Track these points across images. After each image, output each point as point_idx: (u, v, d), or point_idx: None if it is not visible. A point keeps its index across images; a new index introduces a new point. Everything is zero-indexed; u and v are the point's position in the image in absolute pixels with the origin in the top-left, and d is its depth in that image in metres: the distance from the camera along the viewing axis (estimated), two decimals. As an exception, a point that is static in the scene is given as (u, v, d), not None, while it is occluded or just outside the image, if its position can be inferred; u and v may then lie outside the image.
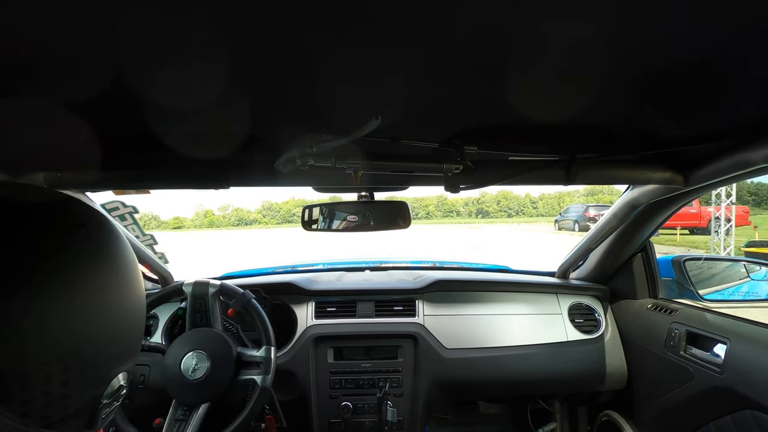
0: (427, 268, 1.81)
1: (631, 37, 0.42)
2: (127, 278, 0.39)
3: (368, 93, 0.58)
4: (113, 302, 0.38)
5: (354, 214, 1.04)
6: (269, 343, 1.14)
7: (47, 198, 0.37)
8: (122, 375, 0.40)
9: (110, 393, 0.38)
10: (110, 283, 0.37)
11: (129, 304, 0.40)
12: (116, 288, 0.38)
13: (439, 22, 0.39)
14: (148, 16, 0.36)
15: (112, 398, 0.38)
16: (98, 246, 0.38)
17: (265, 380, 1.09)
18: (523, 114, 0.66)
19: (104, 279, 0.37)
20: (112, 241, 0.39)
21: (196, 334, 1.12)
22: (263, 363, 1.11)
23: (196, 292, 1.17)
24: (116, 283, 0.38)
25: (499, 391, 1.49)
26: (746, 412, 0.95)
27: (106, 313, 0.37)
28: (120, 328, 0.39)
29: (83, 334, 0.34)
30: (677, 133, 0.77)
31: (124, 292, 0.39)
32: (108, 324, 0.37)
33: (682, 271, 1.45)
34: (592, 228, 1.43)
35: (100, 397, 0.37)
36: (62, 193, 0.40)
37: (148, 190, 1.03)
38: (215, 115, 0.66)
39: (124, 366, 0.40)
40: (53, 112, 0.59)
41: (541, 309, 1.50)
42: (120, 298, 0.38)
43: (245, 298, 1.19)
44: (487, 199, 45.71)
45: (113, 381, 0.38)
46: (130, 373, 0.42)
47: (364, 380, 1.36)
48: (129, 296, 0.40)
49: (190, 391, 1.06)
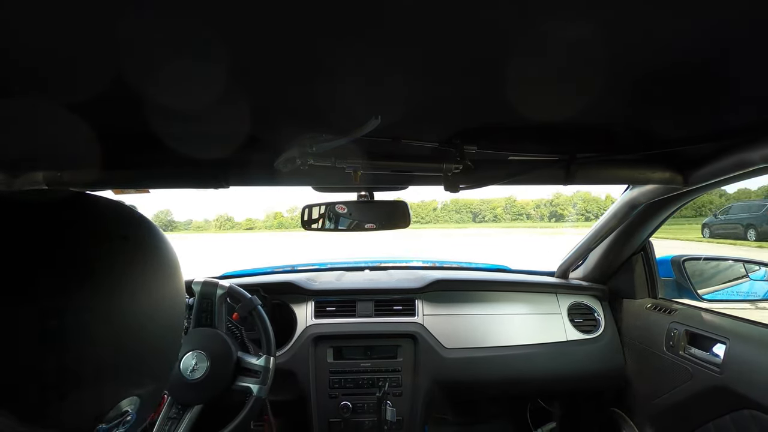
0: (427, 268, 1.81)
1: (631, 37, 0.42)
2: (156, 299, 0.37)
3: (368, 93, 0.58)
4: (145, 314, 0.35)
5: (354, 214, 1.04)
6: (270, 353, 1.14)
7: (89, 203, 0.36)
8: (131, 400, 0.36)
9: (112, 417, 0.34)
10: (143, 293, 0.35)
11: (159, 322, 0.37)
12: (149, 300, 0.36)
13: (439, 22, 0.39)
14: (148, 15, 0.36)
15: (112, 424, 0.34)
16: (137, 258, 0.36)
17: (261, 390, 1.09)
18: (523, 114, 0.66)
19: (134, 289, 0.34)
20: (154, 256, 0.37)
21: (199, 333, 1.12)
22: (261, 372, 1.11)
23: (204, 292, 1.17)
24: (149, 297, 0.36)
25: (499, 391, 1.49)
26: (745, 412, 0.95)
27: (133, 325, 0.34)
28: (145, 345, 0.35)
29: (102, 343, 0.32)
30: (677, 133, 0.77)
31: (156, 307, 0.36)
32: (134, 336, 0.34)
33: (682, 271, 1.45)
34: (591, 227, 1.43)
35: (100, 417, 0.33)
36: (114, 201, 0.39)
37: (147, 190, 1.03)
38: (215, 115, 0.65)
39: (137, 390, 0.36)
40: (53, 112, 0.59)
41: (540, 309, 1.50)
42: (150, 314, 0.36)
43: (252, 304, 1.19)
44: (562, 201, 42.08)
45: (122, 402, 0.35)
46: (144, 401, 0.37)
47: (364, 380, 1.36)
48: (159, 315, 0.36)
49: (186, 391, 1.06)
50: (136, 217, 0.38)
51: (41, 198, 0.36)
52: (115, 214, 0.37)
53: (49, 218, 0.32)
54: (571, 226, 31.81)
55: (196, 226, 48.46)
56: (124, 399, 0.35)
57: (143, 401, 0.37)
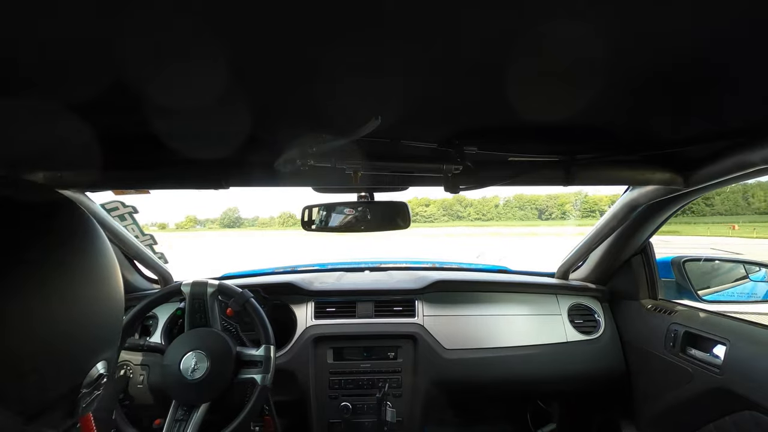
0: (427, 269, 1.81)
1: (631, 37, 0.42)
2: (101, 273, 0.40)
3: (368, 93, 0.58)
4: (87, 296, 0.38)
5: (353, 215, 1.04)
6: (268, 342, 1.14)
7: (25, 195, 0.38)
8: (101, 364, 0.40)
9: (89, 382, 0.39)
10: (84, 278, 0.38)
11: (104, 297, 0.40)
12: (90, 283, 0.39)
13: (439, 22, 0.39)
14: (148, 16, 0.36)
15: (92, 387, 0.39)
16: (72, 240, 0.38)
17: (264, 379, 1.09)
18: (523, 114, 0.66)
19: (77, 274, 0.38)
20: (87, 236, 0.40)
21: (196, 334, 1.12)
22: (263, 362, 1.11)
23: (195, 293, 1.17)
24: (90, 278, 0.39)
25: (499, 392, 1.49)
26: (745, 413, 0.94)
27: (80, 307, 0.37)
28: (95, 321, 0.39)
29: (56, 327, 0.35)
30: (677, 134, 0.77)
31: (99, 286, 0.40)
32: (82, 317, 0.38)
33: (682, 272, 1.45)
34: (591, 228, 1.43)
35: (79, 387, 0.38)
36: (38, 188, 0.41)
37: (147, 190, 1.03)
38: (215, 116, 0.66)
39: (102, 356, 0.41)
40: (53, 112, 0.59)
41: (540, 310, 1.50)
42: (94, 292, 0.39)
43: (244, 297, 1.19)
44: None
45: (92, 371, 0.39)
46: (111, 362, 0.43)
47: (364, 380, 1.36)
48: (103, 290, 0.40)
49: (189, 392, 1.06)
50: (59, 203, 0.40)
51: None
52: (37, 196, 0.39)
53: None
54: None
55: (261, 222, 48.28)
56: (93, 367, 0.39)
57: (109, 363, 0.42)
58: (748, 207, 40.32)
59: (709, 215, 38.16)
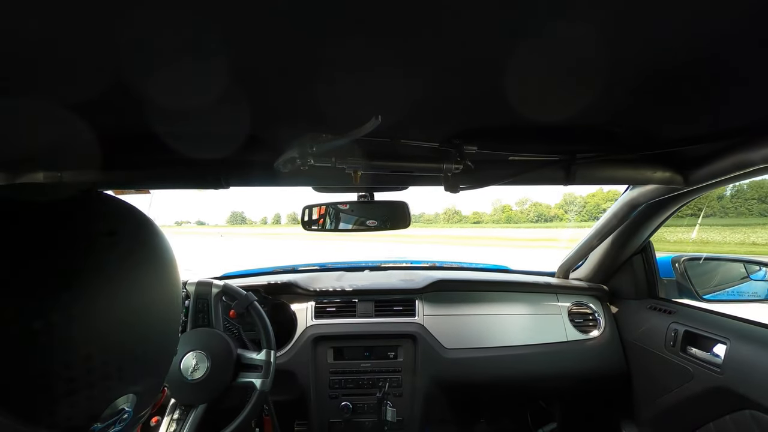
0: (427, 268, 1.81)
1: (631, 37, 0.42)
2: (148, 295, 0.36)
3: (368, 93, 0.58)
4: (136, 311, 0.34)
5: (354, 214, 1.04)
6: (270, 347, 1.14)
7: (80, 198, 0.36)
8: (128, 398, 0.35)
9: (108, 415, 0.33)
10: (133, 290, 0.35)
11: (152, 319, 0.36)
12: (140, 297, 0.35)
13: (439, 22, 0.39)
14: (148, 16, 0.36)
15: (108, 422, 0.34)
16: (124, 254, 0.35)
17: (264, 384, 1.09)
18: (523, 114, 0.66)
19: (123, 287, 0.34)
20: (144, 251, 0.36)
21: (197, 334, 1.12)
22: (263, 366, 1.11)
23: (200, 292, 1.17)
24: (139, 293, 0.35)
25: (499, 391, 1.49)
26: (746, 412, 0.95)
27: (124, 323, 0.33)
28: (140, 342, 0.35)
29: (96, 341, 0.31)
30: (677, 133, 0.77)
31: (147, 303, 0.36)
32: (127, 333, 0.33)
33: (682, 271, 1.45)
34: (591, 228, 1.43)
35: (95, 417, 0.33)
36: (101, 193, 0.39)
37: (148, 190, 1.03)
38: (215, 115, 0.66)
39: (133, 387, 0.35)
40: (53, 112, 0.59)
41: (540, 309, 1.50)
42: (142, 310, 0.35)
43: (248, 300, 1.19)
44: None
45: (117, 401, 0.34)
46: (142, 397, 0.36)
47: (364, 380, 1.36)
48: (151, 311, 0.36)
49: (189, 392, 1.06)
50: (124, 211, 0.37)
51: (27, 195, 0.35)
52: (101, 209, 0.36)
53: (32, 217, 0.32)
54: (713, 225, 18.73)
55: (425, 219, 47.95)
56: (120, 397, 0.34)
57: (140, 397, 0.37)
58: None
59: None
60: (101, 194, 0.38)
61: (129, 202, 0.39)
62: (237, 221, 75.61)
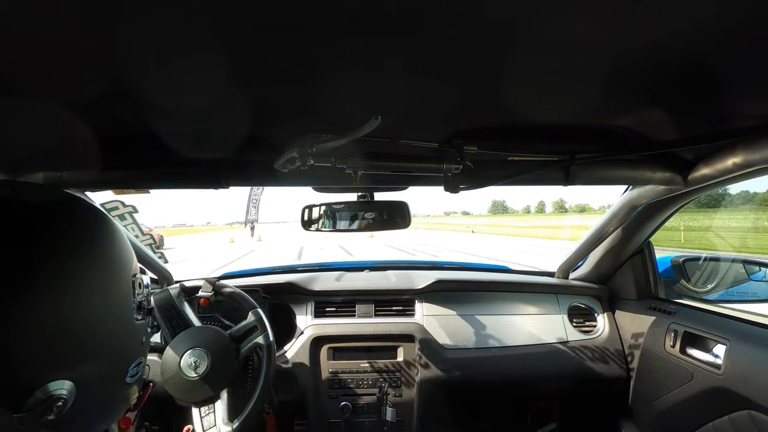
0: (427, 268, 1.81)
1: (631, 37, 0.42)
2: (75, 285, 0.37)
3: (368, 93, 0.58)
4: (66, 300, 0.35)
5: (354, 214, 1.04)
6: (251, 307, 1.16)
7: (42, 197, 0.37)
8: (61, 383, 0.33)
9: (34, 403, 0.32)
10: (60, 280, 0.36)
11: (82, 307, 0.36)
12: (67, 286, 0.36)
13: (439, 22, 0.39)
14: (148, 17, 0.36)
15: (32, 410, 0.31)
16: (84, 248, 0.37)
17: (267, 337, 1.11)
18: (523, 114, 0.66)
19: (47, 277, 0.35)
20: (104, 239, 0.39)
21: (181, 337, 1.11)
22: (257, 325, 1.13)
23: (160, 304, 1.16)
24: (66, 283, 0.36)
25: (499, 392, 1.49)
26: (745, 413, 0.94)
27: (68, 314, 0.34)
28: (57, 330, 0.34)
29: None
30: (677, 133, 0.77)
31: (77, 292, 0.37)
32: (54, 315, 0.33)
33: (682, 272, 1.45)
34: (591, 228, 1.43)
35: (19, 401, 0.31)
36: (60, 191, 0.40)
37: (147, 190, 1.03)
38: (215, 115, 0.66)
39: (65, 372, 0.34)
40: (53, 112, 0.59)
41: (540, 309, 1.50)
42: (69, 299, 0.36)
43: (209, 281, 1.21)
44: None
45: (47, 386, 0.32)
46: (84, 385, 0.35)
47: (364, 380, 1.36)
48: (83, 300, 0.36)
49: (203, 388, 1.04)
50: (78, 212, 0.39)
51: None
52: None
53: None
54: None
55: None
56: (48, 383, 0.33)
57: (81, 386, 0.35)
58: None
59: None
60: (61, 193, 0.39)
61: (88, 202, 0.41)
62: (498, 211, 64.82)
